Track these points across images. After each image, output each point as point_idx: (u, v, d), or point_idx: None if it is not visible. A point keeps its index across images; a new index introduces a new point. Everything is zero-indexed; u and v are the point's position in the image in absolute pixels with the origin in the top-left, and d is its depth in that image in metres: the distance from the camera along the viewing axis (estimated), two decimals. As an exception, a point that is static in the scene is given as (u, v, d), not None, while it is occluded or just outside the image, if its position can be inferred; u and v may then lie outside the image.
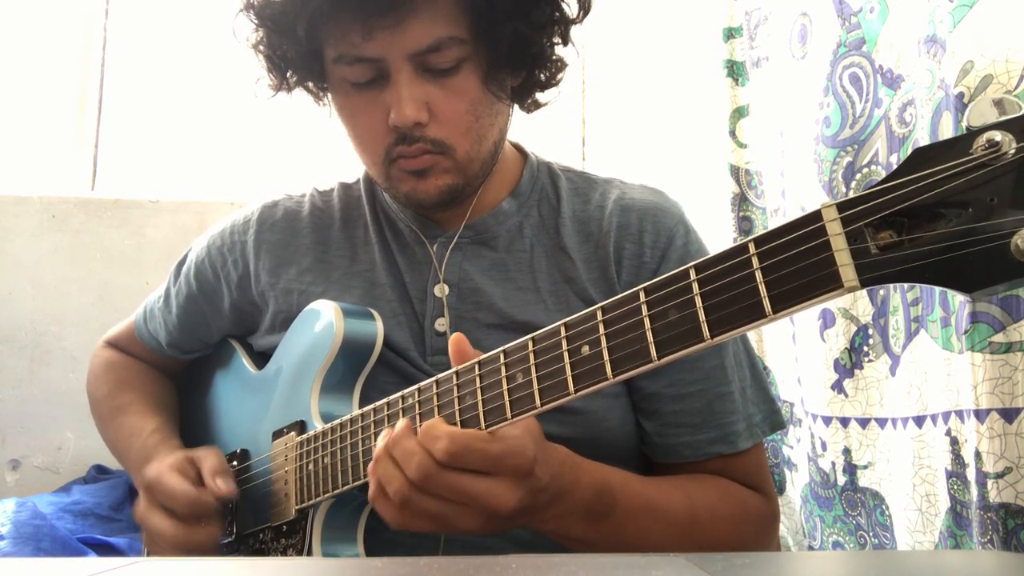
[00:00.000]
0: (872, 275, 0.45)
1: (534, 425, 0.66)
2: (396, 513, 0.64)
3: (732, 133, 1.44)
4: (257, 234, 0.96)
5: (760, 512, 0.85)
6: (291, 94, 0.90)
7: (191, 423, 1.06)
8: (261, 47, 0.86)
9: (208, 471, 0.85)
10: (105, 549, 1.23)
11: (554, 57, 0.87)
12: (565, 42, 0.87)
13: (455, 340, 0.67)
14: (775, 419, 0.89)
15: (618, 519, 0.72)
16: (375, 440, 0.73)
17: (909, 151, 0.88)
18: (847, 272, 0.45)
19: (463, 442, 0.61)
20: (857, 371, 1.05)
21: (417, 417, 0.69)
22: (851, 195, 0.46)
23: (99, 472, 1.59)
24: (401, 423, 0.65)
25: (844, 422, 1.07)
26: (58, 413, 1.68)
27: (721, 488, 0.83)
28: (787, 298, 0.47)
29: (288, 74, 0.87)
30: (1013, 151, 0.41)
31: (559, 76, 0.90)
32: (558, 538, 0.71)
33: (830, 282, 0.45)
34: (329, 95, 0.89)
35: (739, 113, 1.44)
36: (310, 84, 0.88)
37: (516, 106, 0.91)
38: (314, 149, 1.89)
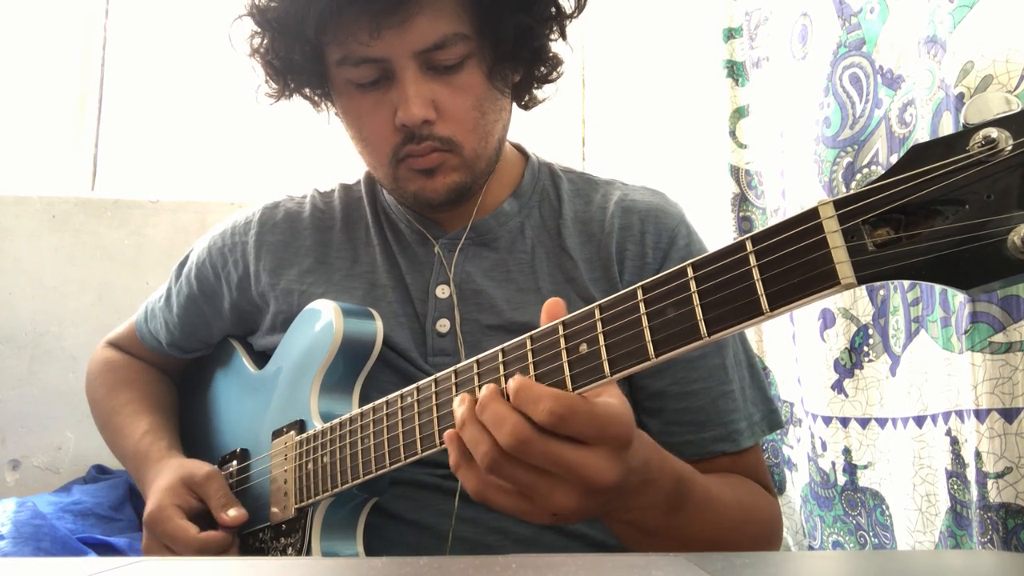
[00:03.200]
0: (869, 272, 0.44)
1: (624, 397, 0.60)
2: (479, 482, 0.59)
3: (732, 133, 1.44)
4: (258, 235, 0.96)
5: (777, 512, 0.85)
6: (291, 99, 0.90)
7: (191, 422, 1.06)
8: (261, 52, 0.86)
9: (216, 505, 0.84)
10: (105, 549, 1.22)
11: (551, 53, 0.88)
12: (563, 36, 0.87)
13: (551, 303, 0.61)
14: (773, 419, 0.89)
15: (689, 512, 0.68)
16: (374, 439, 0.73)
17: (908, 151, 0.88)
18: (844, 269, 0.45)
19: (568, 403, 0.55)
20: (857, 371, 1.05)
21: (416, 416, 0.69)
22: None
23: (99, 472, 1.58)
24: (488, 387, 0.59)
25: (844, 422, 1.07)
26: (58, 413, 1.68)
27: (751, 488, 0.83)
28: (784, 296, 0.47)
29: (288, 80, 0.87)
30: (1010, 148, 0.41)
31: (556, 72, 0.90)
32: (633, 531, 0.67)
33: (827, 279, 0.45)
34: (329, 100, 0.90)
35: (739, 113, 1.44)
36: (308, 90, 0.88)
37: (514, 104, 0.91)
38: (315, 150, 1.90)
